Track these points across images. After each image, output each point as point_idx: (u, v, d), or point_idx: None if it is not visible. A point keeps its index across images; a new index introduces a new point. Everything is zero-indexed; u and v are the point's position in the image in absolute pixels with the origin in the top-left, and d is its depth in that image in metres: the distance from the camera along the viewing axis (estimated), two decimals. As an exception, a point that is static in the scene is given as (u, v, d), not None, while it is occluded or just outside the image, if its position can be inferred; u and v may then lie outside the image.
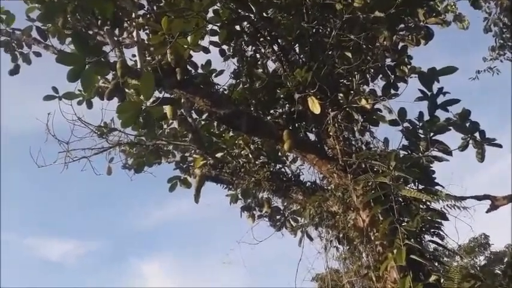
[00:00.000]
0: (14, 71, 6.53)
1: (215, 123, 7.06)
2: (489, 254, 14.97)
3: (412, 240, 4.37)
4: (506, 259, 13.92)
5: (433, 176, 5.19)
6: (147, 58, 7.49)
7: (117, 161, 7.48)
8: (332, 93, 5.46)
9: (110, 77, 7.09)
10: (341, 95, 5.58)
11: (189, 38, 5.12)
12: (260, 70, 6.43)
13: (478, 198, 5.47)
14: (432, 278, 4.19)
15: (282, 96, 6.11)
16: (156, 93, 5.66)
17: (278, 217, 6.84)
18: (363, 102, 5.45)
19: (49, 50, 6.24)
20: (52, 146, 6.63)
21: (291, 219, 6.74)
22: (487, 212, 5.53)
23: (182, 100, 6.19)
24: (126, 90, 6.65)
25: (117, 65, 5.25)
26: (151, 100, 4.34)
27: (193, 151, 7.00)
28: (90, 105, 7.10)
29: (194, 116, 7.11)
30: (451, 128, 5.49)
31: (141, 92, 3.87)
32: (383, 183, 4.83)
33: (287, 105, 6.39)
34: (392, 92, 5.73)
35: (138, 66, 6.38)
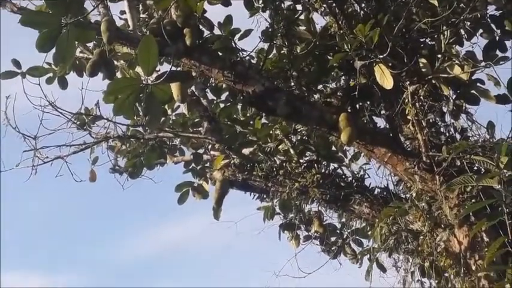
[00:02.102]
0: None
1: (240, 106, 7.09)
2: None
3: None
4: None
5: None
6: (142, 16, 7.60)
7: (103, 161, 7.63)
8: (410, 58, 5.35)
9: (90, 44, 7.28)
10: (423, 61, 5.47)
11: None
12: (303, 28, 6.36)
13: None
14: None
15: (336, 65, 6.05)
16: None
17: (333, 239, 6.82)
18: (456, 70, 5.32)
19: (6, 7, 6.33)
20: (14, 143, 6.79)
21: (352, 242, 6.71)
22: None
23: (194, 74, 6.23)
24: (115, 62, 6.77)
25: (101, 27, 5.31)
26: (153, 75, 4.36)
27: (210, 146, 7.04)
28: (64, 85, 7.27)
29: (210, 96, 7.19)
30: None
31: (140, 63, 3.90)
32: (489, 188, 4.74)
33: (343, 77, 6.35)
34: (500, 54, 5.58)
35: (130, 27, 6.46)
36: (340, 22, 5.80)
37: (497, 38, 5.78)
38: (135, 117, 6.84)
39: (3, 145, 6.81)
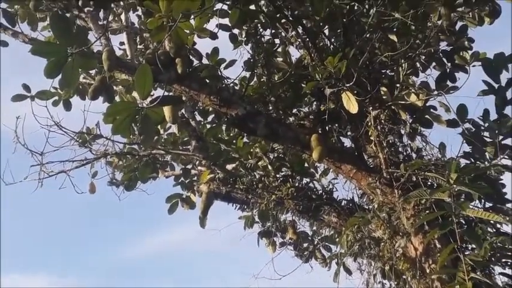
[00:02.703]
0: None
1: (224, 127, 7.12)
2: None
3: (479, 273, 4.33)
4: None
5: (503, 191, 5.17)
6: (139, 47, 7.63)
7: (102, 175, 7.60)
8: (373, 87, 5.44)
9: (92, 71, 7.28)
10: (384, 89, 5.56)
11: (192, 21, 5.17)
12: (281, 59, 6.44)
13: None
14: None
15: (308, 92, 6.11)
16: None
17: (306, 245, 6.83)
18: (413, 97, 5.41)
19: (18, 37, 6.34)
20: (22, 159, 6.74)
21: (322, 248, 6.72)
22: None
23: (184, 98, 6.26)
24: (114, 87, 6.78)
25: (103, 56, 5.32)
26: (148, 100, 4.38)
27: (197, 162, 7.05)
28: (68, 107, 7.26)
29: (198, 118, 7.21)
30: (525, 130, 5.47)
31: (137, 88, 3.91)
32: (440, 201, 4.80)
33: (315, 103, 6.40)
34: (450, 84, 5.68)
35: (129, 56, 6.49)
36: (312, 55, 5.89)
37: (448, 70, 5.88)
38: (131, 136, 6.86)
39: (13, 161, 6.75)
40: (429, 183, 5.12)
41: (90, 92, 5.80)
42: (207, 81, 5.89)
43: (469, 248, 4.72)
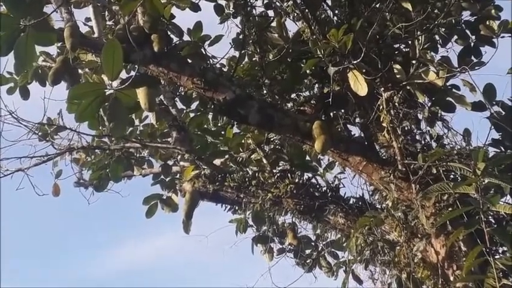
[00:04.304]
0: None
1: (210, 116, 7.07)
2: None
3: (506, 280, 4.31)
4: None
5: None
6: (108, 23, 7.54)
7: (68, 174, 7.53)
8: (384, 64, 5.38)
9: (53, 53, 7.20)
10: (398, 67, 5.50)
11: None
12: (275, 34, 6.37)
13: None
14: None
15: (308, 72, 6.07)
16: (123, 75, 5.69)
17: (308, 251, 6.80)
18: (431, 76, 5.36)
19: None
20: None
21: (327, 255, 6.70)
22: None
23: (162, 82, 6.19)
24: (80, 71, 6.70)
25: (65, 33, 5.25)
26: (118, 81, 4.31)
27: (179, 157, 7.00)
28: (25, 95, 7.18)
29: (179, 105, 7.16)
30: None
31: (104, 67, 3.85)
32: (466, 196, 4.77)
33: (317, 85, 6.36)
34: (475, 60, 5.62)
35: (96, 33, 6.40)
36: (313, 27, 5.81)
37: (472, 43, 5.84)
38: (100, 127, 6.79)
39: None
40: (452, 176, 5.09)
41: (51, 75, 5.74)
42: (189, 60, 5.85)
43: (500, 251, 4.69)
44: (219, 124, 7.13)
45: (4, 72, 6.92)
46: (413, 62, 5.54)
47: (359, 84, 5.26)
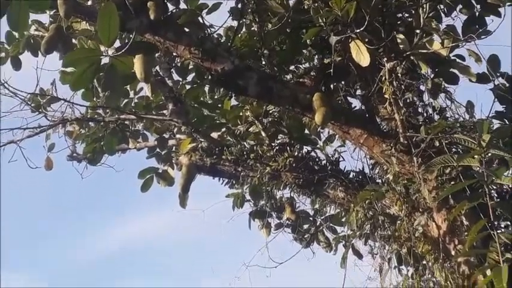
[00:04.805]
0: None
1: (207, 88, 7.02)
2: None
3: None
4: None
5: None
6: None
7: (61, 147, 7.50)
8: (388, 34, 5.34)
9: (46, 22, 7.12)
10: (401, 36, 5.47)
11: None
12: (275, 2, 6.30)
13: None
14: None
15: (309, 42, 6.01)
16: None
17: (306, 226, 6.81)
18: (436, 45, 5.33)
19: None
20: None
21: (325, 230, 6.71)
22: None
23: (158, 53, 6.14)
24: (74, 40, 6.64)
25: (58, 0, 5.20)
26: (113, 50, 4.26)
27: (175, 129, 6.97)
28: (18, 65, 7.11)
29: (176, 77, 7.10)
30: None
31: (100, 33, 3.79)
32: (469, 169, 4.76)
33: (317, 56, 6.31)
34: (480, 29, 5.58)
35: (90, 1, 6.33)
36: (314, -5, 5.75)
37: (477, 13, 5.76)
38: (94, 99, 6.76)
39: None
40: (454, 149, 5.08)
41: (44, 43, 5.71)
42: (186, 29, 5.80)
43: (503, 226, 4.69)
44: (216, 96, 7.10)
45: (-5, 42, 6.81)
46: (417, 31, 5.48)
47: (361, 55, 5.22)
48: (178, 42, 5.66)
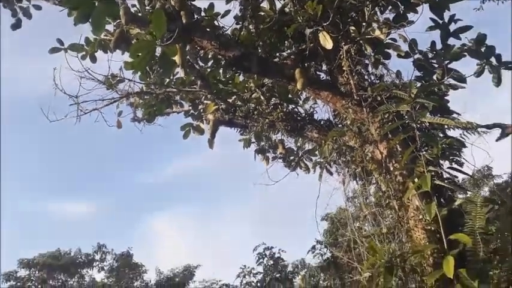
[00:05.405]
0: (16, 26, 6.23)
1: (221, 70, 6.86)
2: (493, 185, 15.17)
3: (432, 167, 4.28)
4: (508, 189, 14.06)
5: (447, 104, 5.09)
6: (147, 8, 7.20)
7: (126, 113, 7.35)
8: (344, 26, 5.21)
9: (111, 29, 6.88)
10: (353, 28, 5.33)
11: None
12: (267, 6, 6.11)
13: (489, 127, 5.34)
14: (457, 203, 4.13)
15: (290, 35, 5.85)
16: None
17: (292, 158, 6.78)
18: (377, 32, 5.22)
19: (49, 0, 5.91)
20: (61, 103, 6.46)
21: (305, 159, 6.68)
22: (497, 140, 5.38)
23: (190, 44, 5.96)
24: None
25: (120, 12, 5.00)
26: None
27: (203, 97, 6.83)
28: (94, 59, 6.92)
29: (200, 64, 6.91)
30: (465, 54, 5.32)
31: (154, 28, 3.64)
32: (400, 115, 4.70)
33: (294, 46, 6.15)
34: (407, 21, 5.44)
35: (140, 13, 6.10)
36: (294, 1, 5.57)
37: (401, 11, 5.60)
38: (147, 79, 6.59)
39: (54, 105, 6.42)
40: (391, 101, 4.98)
41: (113, 42, 5.52)
42: (208, 29, 5.61)
43: (424, 150, 4.66)
44: (227, 76, 6.93)
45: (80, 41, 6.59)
46: (364, 24, 5.35)
47: (326, 41, 5.11)
48: (202, 38, 5.52)
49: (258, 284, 22.40)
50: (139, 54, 3.71)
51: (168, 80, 6.82)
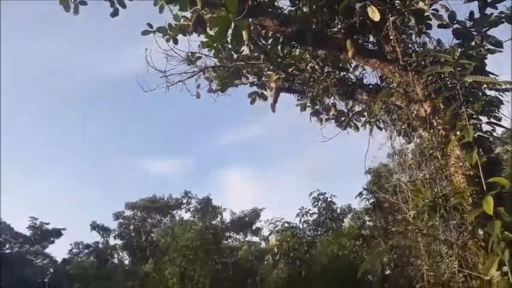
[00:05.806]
0: (114, 14, 6.44)
1: (279, 47, 6.82)
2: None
3: (474, 120, 4.12)
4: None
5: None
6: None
7: (203, 86, 7.51)
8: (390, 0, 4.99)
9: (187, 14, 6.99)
10: (398, 1, 5.09)
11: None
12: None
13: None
14: (496, 151, 3.98)
15: (340, 11, 5.69)
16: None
17: (343, 118, 6.73)
18: (420, 4, 4.95)
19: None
20: (153, 76, 6.71)
21: (354, 119, 6.60)
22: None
23: (251, 27, 5.97)
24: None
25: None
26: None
27: (266, 69, 6.86)
28: (176, 42, 7.05)
29: (262, 41, 6.90)
30: (503, 21, 4.97)
31: (227, 5, 3.72)
32: (442, 77, 4.52)
33: (345, 21, 5.98)
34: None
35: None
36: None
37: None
38: (220, 55, 6.69)
39: (147, 80, 6.69)
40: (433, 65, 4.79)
41: (192, 25, 5.63)
42: (270, 10, 5.58)
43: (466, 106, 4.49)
44: (285, 52, 6.87)
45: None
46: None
47: (374, 14, 4.94)
48: (266, 17, 5.50)
49: (314, 222, 23.28)
50: (216, 29, 3.81)
51: (236, 55, 6.90)
